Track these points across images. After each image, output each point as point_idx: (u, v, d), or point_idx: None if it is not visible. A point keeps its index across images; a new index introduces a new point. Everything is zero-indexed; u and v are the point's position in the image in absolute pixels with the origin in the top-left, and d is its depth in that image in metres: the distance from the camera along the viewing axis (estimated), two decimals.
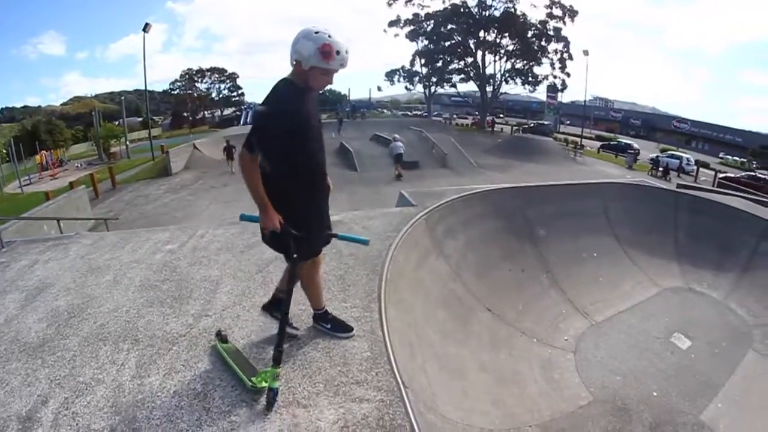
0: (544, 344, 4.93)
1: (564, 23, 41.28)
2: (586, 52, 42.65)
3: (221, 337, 2.75)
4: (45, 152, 36.55)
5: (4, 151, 34.70)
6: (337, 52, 2.16)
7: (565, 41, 41.80)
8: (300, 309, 3.15)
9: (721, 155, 43.49)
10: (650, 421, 4.00)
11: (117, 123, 42.85)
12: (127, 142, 36.70)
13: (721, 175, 26.98)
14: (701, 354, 5.07)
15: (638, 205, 7.76)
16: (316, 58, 2.14)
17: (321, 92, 2.62)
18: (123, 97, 49.06)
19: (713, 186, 21.40)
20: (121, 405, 2.33)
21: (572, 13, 40.99)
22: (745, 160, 40.76)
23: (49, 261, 4.65)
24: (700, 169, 29.63)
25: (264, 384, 2.32)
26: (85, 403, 2.36)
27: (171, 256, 4.38)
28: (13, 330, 3.18)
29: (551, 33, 41.76)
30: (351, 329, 2.90)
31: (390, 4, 45.32)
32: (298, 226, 2.35)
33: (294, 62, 2.22)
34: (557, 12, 41.03)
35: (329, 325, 2.89)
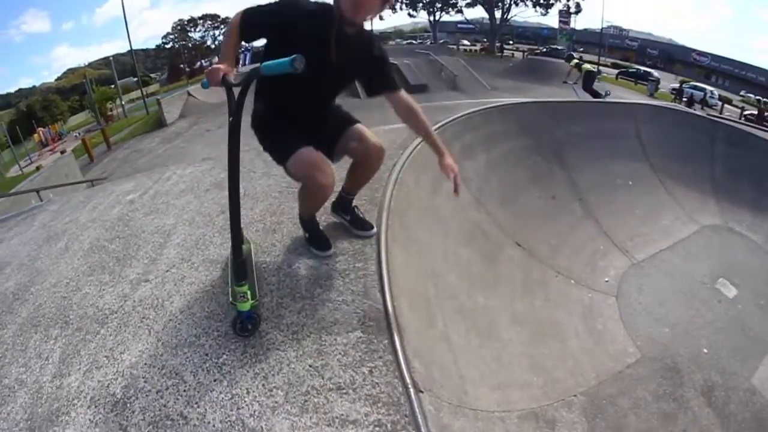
0: (583, 286, 4.34)
1: None
2: None
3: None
4: (42, 129, 36.28)
5: (4, 137, 34.38)
6: None
7: None
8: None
9: (742, 93, 40.73)
10: (701, 384, 3.59)
11: (112, 86, 41.91)
12: (122, 103, 35.95)
13: (747, 112, 25.56)
14: (748, 305, 4.66)
15: (673, 130, 7.14)
16: None
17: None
18: (111, 58, 47.76)
19: None
20: (36, 418, 1.83)
21: None
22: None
23: (14, 237, 4.23)
24: (724, 104, 27.83)
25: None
26: (4, 414, 1.91)
27: (129, 208, 3.72)
28: None
29: None
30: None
31: None
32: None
33: None
34: None
35: (307, 235, 2.42)
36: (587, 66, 12.34)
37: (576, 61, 13.06)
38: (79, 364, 2.00)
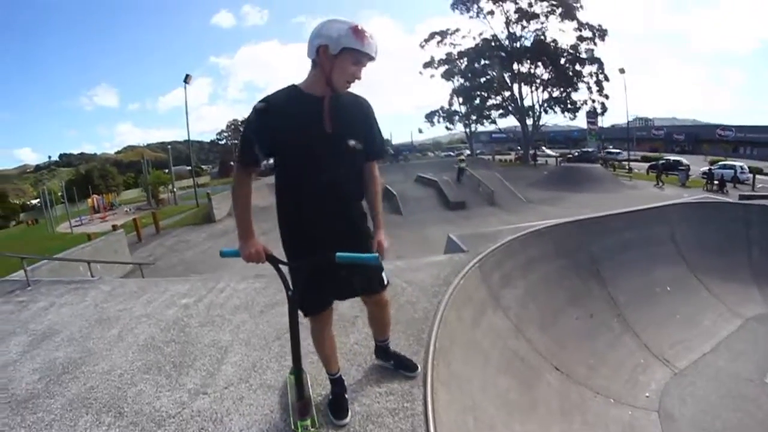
0: (623, 404, 4.18)
1: (595, 44, 40.46)
2: (622, 71, 42.00)
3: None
4: (96, 196, 38.56)
5: (60, 193, 37.11)
6: (371, 36, 1.81)
7: (599, 62, 40.87)
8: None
9: None
10: None
11: (166, 171, 44.85)
12: (174, 189, 37.99)
13: None
14: None
15: (706, 225, 7.06)
16: (349, 38, 1.78)
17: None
18: (170, 147, 51.69)
19: None
20: None
21: (602, 33, 40.11)
22: None
23: (65, 305, 4.58)
24: (756, 176, 27.56)
25: None
26: None
27: (184, 312, 3.94)
28: (6, 377, 3.06)
29: (584, 56, 40.98)
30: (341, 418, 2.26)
31: (422, 46, 46.21)
32: (287, 253, 2.07)
33: (317, 50, 1.83)
34: (587, 33, 40.23)
35: (330, 397, 2.38)
36: (462, 163, 28.24)
37: (462, 158, 29.41)
38: None
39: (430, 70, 46.19)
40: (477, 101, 45.83)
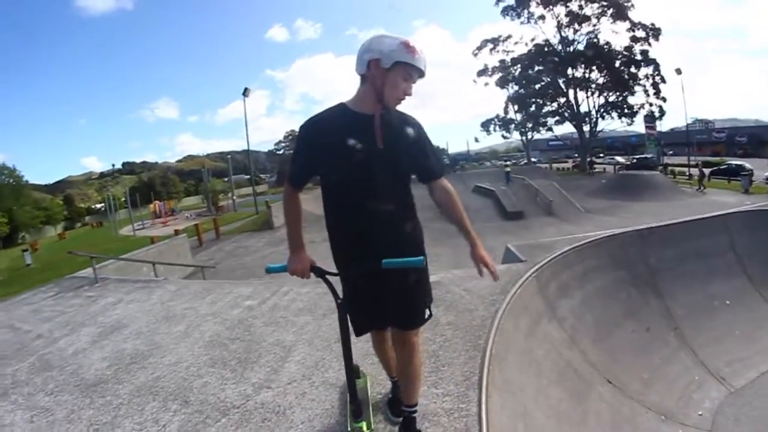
0: (675, 422, 4.09)
1: (649, 44, 38.89)
2: (678, 71, 39.81)
3: (357, 372, 2.48)
4: (158, 202, 40.88)
5: (123, 198, 39.89)
6: (421, 51, 1.80)
7: (655, 64, 39.19)
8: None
9: None
10: None
11: (225, 179, 46.77)
12: (234, 197, 39.45)
13: None
14: None
15: None
16: (401, 52, 1.76)
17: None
18: (230, 156, 54.00)
19: None
20: None
21: (655, 32, 38.54)
22: None
23: (132, 302, 4.90)
24: None
25: None
26: None
27: (248, 313, 4.18)
28: (77, 363, 3.36)
29: (639, 57, 39.42)
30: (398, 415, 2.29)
31: (475, 54, 46.11)
32: (336, 265, 2.09)
33: (368, 64, 1.80)
34: (640, 34, 38.77)
35: (390, 396, 2.49)
36: (507, 168, 32.24)
37: (507, 164, 33.85)
38: None
39: (484, 78, 46.18)
40: (532, 108, 45.22)
